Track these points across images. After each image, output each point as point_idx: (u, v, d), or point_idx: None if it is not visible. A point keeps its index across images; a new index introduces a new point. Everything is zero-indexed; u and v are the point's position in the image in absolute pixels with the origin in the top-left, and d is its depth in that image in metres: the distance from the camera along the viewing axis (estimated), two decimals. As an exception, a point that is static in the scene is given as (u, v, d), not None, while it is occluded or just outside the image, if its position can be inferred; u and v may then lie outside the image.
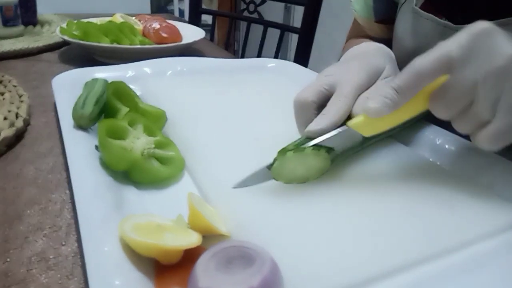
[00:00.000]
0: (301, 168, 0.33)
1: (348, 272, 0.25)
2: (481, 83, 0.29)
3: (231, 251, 0.24)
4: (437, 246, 0.28)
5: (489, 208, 0.33)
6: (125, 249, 0.25)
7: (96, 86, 0.44)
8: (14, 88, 0.55)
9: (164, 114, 0.44)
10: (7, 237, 0.30)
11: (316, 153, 0.33)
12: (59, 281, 0.27)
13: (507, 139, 0.31)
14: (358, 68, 0.40)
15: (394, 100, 0.31)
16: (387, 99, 0.31)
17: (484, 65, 0.29)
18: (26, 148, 0.43)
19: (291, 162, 0.33)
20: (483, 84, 0.29)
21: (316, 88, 0.38)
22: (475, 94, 0.30)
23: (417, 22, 0.51)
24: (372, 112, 0.31)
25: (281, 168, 0.33)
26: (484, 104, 0.30)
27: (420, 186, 0.35)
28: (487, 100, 0.30)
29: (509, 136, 0.31)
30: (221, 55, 0.85)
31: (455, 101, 0.31)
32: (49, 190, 0.36)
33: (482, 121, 0.31)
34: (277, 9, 2.52)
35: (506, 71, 0.29)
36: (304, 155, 0.33)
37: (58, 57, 0.78)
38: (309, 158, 0.33)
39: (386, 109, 0.31)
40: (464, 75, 0.30)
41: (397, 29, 0.57)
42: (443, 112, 0.32)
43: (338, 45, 0.82)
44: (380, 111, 0.31)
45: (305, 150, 0.33)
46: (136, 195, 0.34)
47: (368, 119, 0.32)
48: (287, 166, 0.33)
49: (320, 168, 0.34)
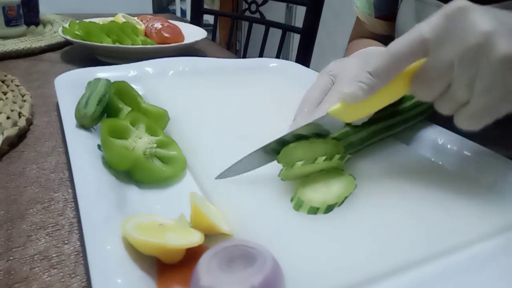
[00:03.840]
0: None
1: (349, 271, 0.25)
2: (457, 63, 0.29)
3: (232, 250, 0.25)
4: (437, 246, 0.28)
5: (489, 208, 0.33)
6: (127, 248, 0.26)
7: (99, 86, 0.44)
8: (17, 87, 0.55)
9: (166, 113, 0.45)
10: (10, 235, 0.30)
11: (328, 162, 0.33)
12: (61, 279, 0.27)
13: (486, 119, 0.30)
14: (355, 64, 0.41)
15: (369, 84, 0.30)
16: (362, 83, 0.31)
17: (458, 44, 0.28)
18: (28, 148, 0.43)
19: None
20: (458, 64, 0.29)
21: (322, 85, 0.41)
22: (451, 75, 0.30)
23: (422, 11, 0.51)
24: (347, 97, 0.31)
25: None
26: (461, 84, 0.29)
27: (421, 185, 0.35)
28: (463, 80, 0.29)
29: (487, 116, 0.30)
30: (223, 55, 0.85)
31: (434, 83, 0.30)
32: (52, 189, 0.36)
33: (461, 101, 0.30)
34: (279, 9, 2.52)
35: (480, 49, 0.28)
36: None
37: (61, 57, 0.78)
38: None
39: (361, 94, 0.31)
40: (440, 55, 0.29)
41: (400, 22, 0.57)
42: (423, 94, 0.31)
43: (340, 45, 0.82)
44: (355, 96, 0.31)
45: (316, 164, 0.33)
46: (138, 194, 0.34)
47: (345, 105, 0.32)
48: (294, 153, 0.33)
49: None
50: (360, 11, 0.66)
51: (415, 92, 0.32)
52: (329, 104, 0.37)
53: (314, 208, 0.31)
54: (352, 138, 0.38)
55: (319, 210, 0.31)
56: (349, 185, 0.33)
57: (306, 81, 0.60)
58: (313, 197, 0.32)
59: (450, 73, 0.30)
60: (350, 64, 0.42)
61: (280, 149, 0.34)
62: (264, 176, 0.34)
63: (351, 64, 0.41)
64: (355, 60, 0.42)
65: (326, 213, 0.31)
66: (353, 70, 0.40)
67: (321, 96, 0.40)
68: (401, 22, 0.56)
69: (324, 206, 0.31)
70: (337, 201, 0.32)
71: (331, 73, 0.42)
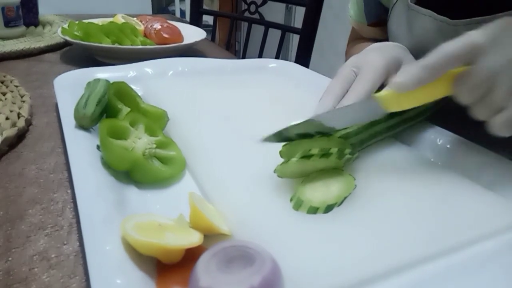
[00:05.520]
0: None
1: (349, 271, 0.25)
2: (502, 72, 0.31)
3: (231, 251, 0.25)
4: (438, 246, 0.28)
5: (489, 208, 0.33)
6: (127, 248, 0.26)
7: (98, 87, 0.44)
8: (16, 88, 0.55)
9: (165, 114, 0.45)
10: (9, 236, 0.30)
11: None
12: (60, 280, 0.27)
13: None
14: (376, 57, 0.42)
15: (420, 76, 0.33)
16: (414, 75, 0.33)
17: (505, 55, 0.31)
18: (28, 148, 0.43)
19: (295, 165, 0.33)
20: (503, 72, 0.31)
21: (345, 77, 0.43)
22: (495, 82, 0.32)
23: (413, 19, 0.51)
24: (398, 85, 0.33)
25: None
26: (502, 92, 0.32)
27: (420, 185, 0.35)
28: (505, 88, 0.31)
29: None
30: (222, 56, 0.85)
31: (476, 88, 0.33)
32: (51, 189, 0.36)
33: (499, 107, 0.32)
34: (278, 10, 2.52)
35: None
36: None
37: (60, 57, 0.78)
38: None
39: (411, 84, 0.33)
40: (489, 62, 0.32)
41: (391, 30, 0.57)
42: (464, 97, 0.33)
43: (339, 46, 0.82)
44: (406, 85, 0.33)
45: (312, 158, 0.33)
46: (138, 194, 0.34)
47: (394, 93, 0.34)
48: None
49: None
50: (353, 20, 0.68)
51: (456, 94, 0.34)
52: (357, 93, 0.39)
53: (313, 207, 0.31)
54: (352, 140, 0.38)
55: (319, 210, 0.31)
56: (349, 185, 0.33)
57: (306, 82, 0.60)
58: (312, 196, 0.32)
59: (494, 80, 0.32)
60: (372, 57, 0.43)
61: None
62: (263, 175, 0.34)
63: (372, 57, 0.43)
64: (375, 53, 0.43)
65: (325, 213, 0.31)
66: (376, 62, 0.42)
67: (345, 87, 0.41)
68: (392, 30, 0.57)
69: (323, 205, 0.31)
70: (336, 201, 0.32)
71: (354, 65, 0.43)
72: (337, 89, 0.41)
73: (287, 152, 0.34)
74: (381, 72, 0.41)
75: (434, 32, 0.49)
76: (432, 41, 0.48)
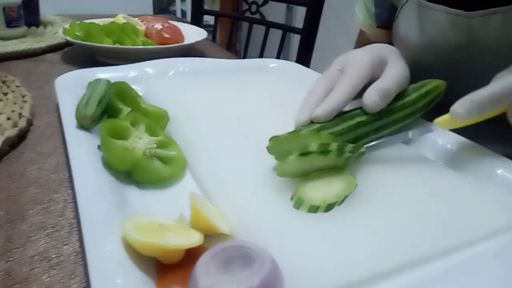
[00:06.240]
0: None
1: (349, 271, 0.25)
2: None
3: (231, 251, 0.25)
4: (438, 245, 0.28)
5: (489, 208, 0.33)
6: (127, 248, 0.26)
7: (99, 87, 0.44)
8: (17, 88, 0.55)
9: (166, 114, 0.45)
10: (10, 236, 0.30)
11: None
12: (61, 280, 0.27)
13: None
14: (363, 55, 0.42)
15: (478, 107, 0.35)
16: (472, 107, 0.35)
17: None
18: (29, 148, 0.43)
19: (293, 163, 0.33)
20: None
21: (329, 76, 0.43)
22: None
23: (425, 16, 0.51)
24: (458, 116, 0.36)
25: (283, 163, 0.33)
26: None
27: (421, 185, 0.35)
28: None
29: None
30: (223, 56, 0.85)
31: None
32: (52, 190, 0.36)
33: None
34: (279, 10, 2.52)
35: None
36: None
37: (61, 57, 0.78)
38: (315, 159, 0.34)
39: (469, 115, 0.35)
40: None
41: (399, 29, 0.57)
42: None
43: (340, 45, 0.82)
44: (465, 116, 0.35)
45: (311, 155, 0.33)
46: (138, 194, 0.34)
47: (452, 118, 0.36)
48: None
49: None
50: (362, 22, 0.68)
51: (510, 118, 0.37)
52: (341, 91, 0.39)
53: (314, 206, 0.31)
54: (348, 136, 0.38)
55: (319, 208, 0.31)
56: (350, 184, 0.33)
57: (307, 82, 0.60)
58: (313, 195, 0.32)
59: None
60: (356, 55, 0.43)
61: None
62: (264, 175, 0.34)
63: (357, 56, 0.42)
64: (360, 52, 0.43)
65: (326, 212, 0.31)
66: (358, 57, 0.42)
67: (328, 86, 0.41)
68: (400, 30, 0.57)
69: (324, 204, 0.31)
70: (337, 200, 0.32)
71: (340, 64, 0.43)
72: (320, 89, 0.41)
73: (275, 149, 0.34)
74: (365, 71, 0.40)
75: (447, 27, 0.49)
76: (444, 36, 0.47)
